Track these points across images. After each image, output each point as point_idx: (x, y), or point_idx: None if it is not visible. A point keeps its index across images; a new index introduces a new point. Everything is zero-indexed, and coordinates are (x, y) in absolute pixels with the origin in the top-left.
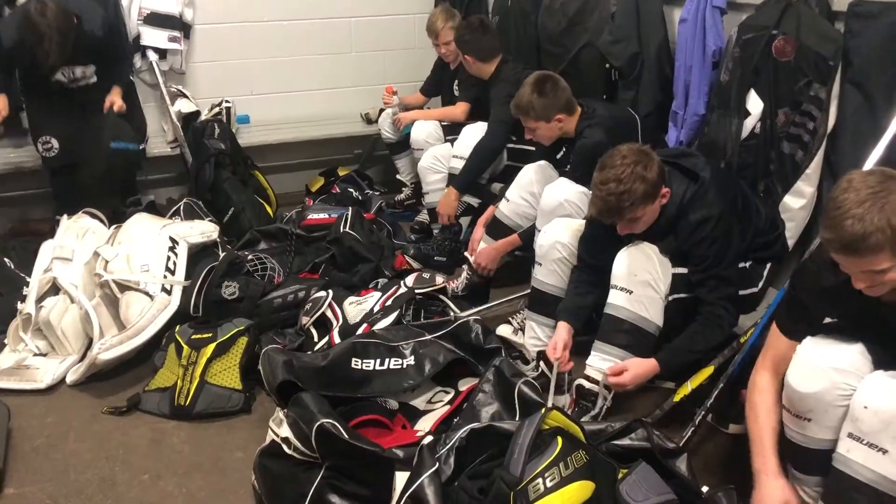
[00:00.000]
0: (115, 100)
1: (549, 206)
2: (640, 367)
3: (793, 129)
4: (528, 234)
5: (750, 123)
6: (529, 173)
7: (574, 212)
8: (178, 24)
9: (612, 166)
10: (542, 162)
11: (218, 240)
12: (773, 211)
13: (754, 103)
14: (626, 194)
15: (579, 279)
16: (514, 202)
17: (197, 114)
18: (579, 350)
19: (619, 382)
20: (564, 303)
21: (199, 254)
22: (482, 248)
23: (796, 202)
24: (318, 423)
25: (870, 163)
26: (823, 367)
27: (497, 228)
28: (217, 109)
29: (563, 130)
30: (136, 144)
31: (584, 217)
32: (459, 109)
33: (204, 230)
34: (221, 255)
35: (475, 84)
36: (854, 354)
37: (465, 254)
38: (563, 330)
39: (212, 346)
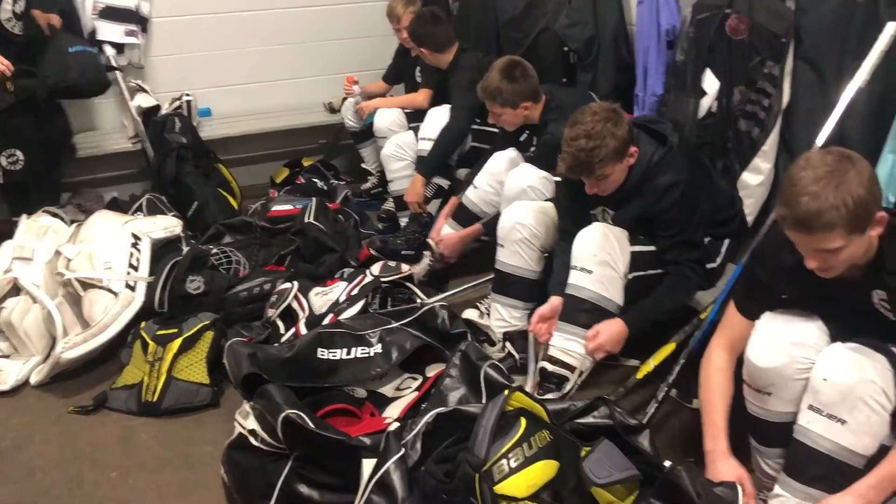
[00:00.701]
0: (51, 17)
1: (513, 192)
2: (611, 327)
3: (749, 107)
4: (492, 223)
5: (706, 103)
6: (499, 162)
7: (538, 197)
8: (134, 18)
9: (582, 122)
10: (513, 152)
11: (182, 234)
12: (731, 188)
13: (710, 82)
14: (595, 150)
15: (561, 249)
16: (481, 189)
17: (157, 108)
18: None
19: (598, 345)
20: (553, 277)
21: (162, 249)
22: (446, 236)
23: (754, 179)
24: (284, 414)
25: (821, 137)
26: (782, 341)
27: (463, 215)
28: (177, 103)
29: (528, 118)
30: (91, 47)
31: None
32: (422, 97)
33: (167, 225)
34: (185, 249)
35: (436, 70)
36: (812, 328)
37: (428, 240)
38: (548, 303)
39: (178, 342)
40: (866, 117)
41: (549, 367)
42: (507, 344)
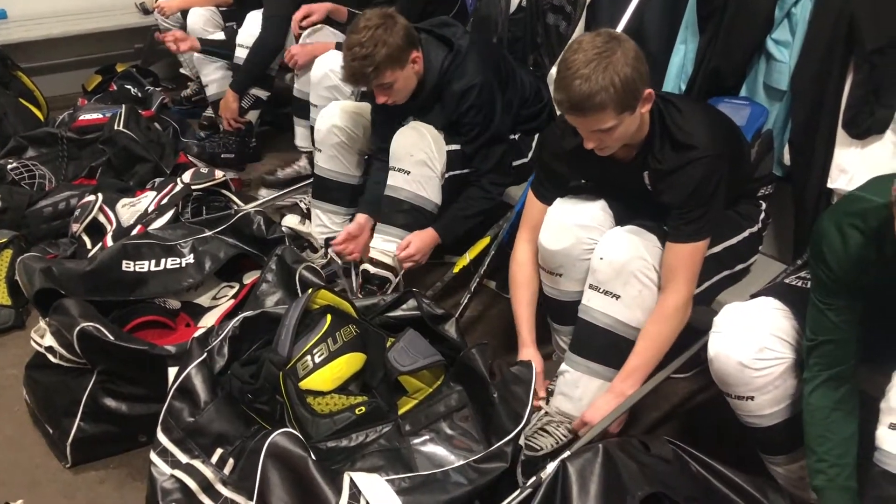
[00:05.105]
0: None
1: (317, 77)
2: (421, 237)
3: (556, 1)
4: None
5: None
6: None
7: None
8: None
9: (356, 31)
10: None
11: None
12: (537, 82)
13: None
14: (367, 58)
15: (375, 167)
16: None
17: None
18: None
19: (408, 255)
20: (364, 195)
21: None
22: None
23: None
24: (80, 328)
25: (620, 28)
26: (569, 224)
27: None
28: None
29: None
30: None
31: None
32: None
33: None
34: None
35: None
36: (596, 211)
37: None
38: (355, 222)
39: None
40: (662, 9)
41: (371, 269)
42: (330, 250)
